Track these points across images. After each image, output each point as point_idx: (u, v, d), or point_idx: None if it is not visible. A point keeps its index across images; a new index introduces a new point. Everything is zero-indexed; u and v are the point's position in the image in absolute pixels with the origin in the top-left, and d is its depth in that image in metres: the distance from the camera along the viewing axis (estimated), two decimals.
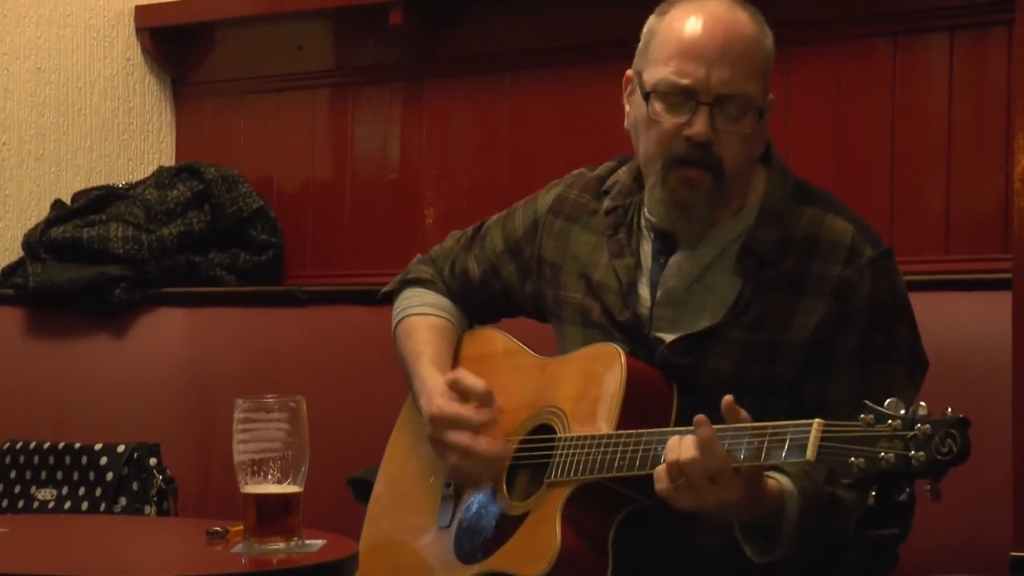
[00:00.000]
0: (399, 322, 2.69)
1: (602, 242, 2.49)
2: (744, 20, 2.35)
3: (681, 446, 2.15)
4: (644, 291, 2.44)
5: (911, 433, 1.99)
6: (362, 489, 2.77)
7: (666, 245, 2.42)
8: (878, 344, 2.32)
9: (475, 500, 2.49)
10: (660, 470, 2.17)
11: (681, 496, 2.17)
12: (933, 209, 3.27)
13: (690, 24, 2.33)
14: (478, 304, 2.69)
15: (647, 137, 2.37)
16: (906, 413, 2.01)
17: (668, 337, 2.39)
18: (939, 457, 1.97)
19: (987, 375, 2.62)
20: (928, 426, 1.99)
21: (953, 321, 2.87)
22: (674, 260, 2.40)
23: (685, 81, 2.31)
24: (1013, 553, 2.38)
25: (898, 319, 2.36)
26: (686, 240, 2.40)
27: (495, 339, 2.63)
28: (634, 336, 2.40)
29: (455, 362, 2.63)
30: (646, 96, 2.35)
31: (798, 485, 2.22)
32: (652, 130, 2.36)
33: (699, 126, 2.31)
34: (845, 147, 3.38)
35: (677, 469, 2.15)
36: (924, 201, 3.29)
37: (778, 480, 2.23)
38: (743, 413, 2.17)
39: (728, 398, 2.16)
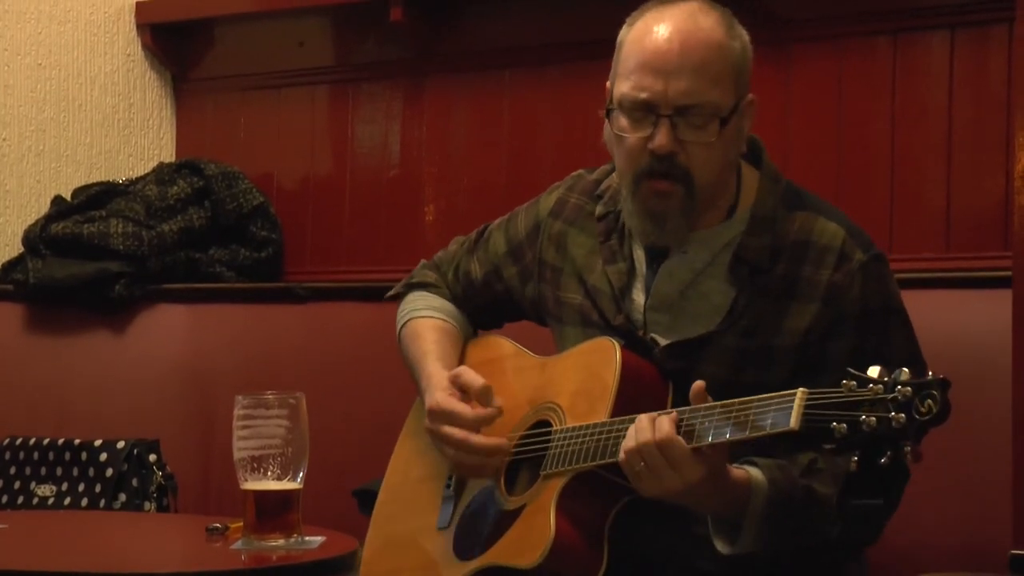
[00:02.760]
0: (404, 324, 2.69)
1: (597, 246, 2.50)
2: (706, 26, 2.33)
3: (637, 433, 2.17)
4: (639, 296, 2.44)
5: (892, 396, 2.00)
6: (367, 500, 2.77)
7: (656, 251, 2.43)
8: (870, 348, 2.32)
9: (474, 499, 2.49)
10: (622, 454, 2.19)
11: (644, 483, 2.18)
12: (933, 207, 3.27)
13: (649, 36, 2.33)
14: (481, 306, 2.69)
15: (618, 152, 2.39)
16: (888, 378, 2.02)
17: (663, 340, 2.39)
18: (918, 417, 1.98)
19: (987, 373, 2.62)
20: (909, 388, 2.00)
21: (953, 319, 2.87)
22: (665, 266, 2.41)
23: (643, 95, 2.31)
24: (1013, 551, 2.38)
25: (891, 323, 2.35)
26: (676, 245, 2.40)
27: (499, 344, 2.63)
28: (629, 339, 2.41)
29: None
30: (609, 112, 2.36)
31: (768, 476, 2.22)
32: (621, 146, 2.36)
33: (659, 139, 2.31)
34: (845, 145, 3.38)
35: (635, 454, 2.17)
36: (924, 199, 3.29)
37: (747, 471, 2.23)
38: (711, 400, 2.18)
39: (699, 384, 2.18)
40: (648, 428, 2.17)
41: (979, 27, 3.23)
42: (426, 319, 2.67)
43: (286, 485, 2.31)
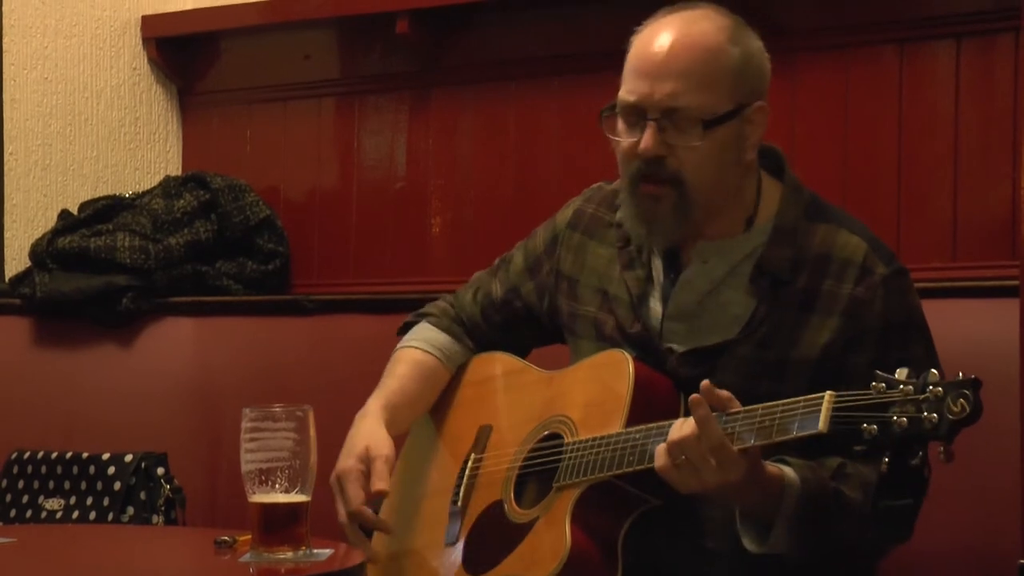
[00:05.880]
0: (393, 353, 2.72)
1: (616, 255, 2.50)
2: (703, 30, 2.34)
3: (682, 426, 2.18)
4: (655, 304, 2.44)
5: (923, 396, 2.01)
6: None
7: (673, 260, 2.43)
8: (890, 363, 2.31)
9: (482, 513, 2.49)
10: (660, 447, 2.19)
11: (684, 476, 2.18)
12: (940, 216, 3.27)
13: (644, 42, 2.37)
14: (499, 324, 2.69)
15: (617, 157, 2.41)
16: (917, 378, 2.02)
17: (680, 349, 2.39)
18: (951, 417, 1.99)
19: (994, 382, 2.60)
20: (940, 388, 2.01)
21: (960, 328, 2.87)
22: (685, 275, 2.41)
23: (632, 98, 2.35)
24: (1022, 560, 2.37)
25: (912, 337, 2.35)
26: (696, 256, 2.40)
27: (503, 360, 2.64)
28: (645, 348, 2.41)
29: (458, 385, 2.67)
30: (608, 118, 2.40)
31: (800, 475, 2.22)
32: (617, 150, 2.40)
33: (644, 142, 2.34)
34: (852, 154, 3.38)
35: (677, 447, 2.17)
36: (931, 208, 3.28)
37: (780, 468, 2.23)
38: (724, 393, 2.18)
39: (705, 382, 2.18)
40: (691, 424, 2.17)
41: (985, 36, 3.23)
42: (409, 349, 2.69)
43: (294, 498, 2.30)
